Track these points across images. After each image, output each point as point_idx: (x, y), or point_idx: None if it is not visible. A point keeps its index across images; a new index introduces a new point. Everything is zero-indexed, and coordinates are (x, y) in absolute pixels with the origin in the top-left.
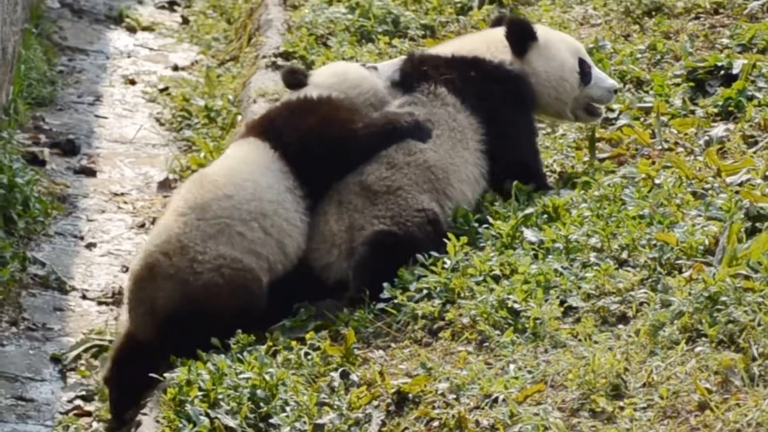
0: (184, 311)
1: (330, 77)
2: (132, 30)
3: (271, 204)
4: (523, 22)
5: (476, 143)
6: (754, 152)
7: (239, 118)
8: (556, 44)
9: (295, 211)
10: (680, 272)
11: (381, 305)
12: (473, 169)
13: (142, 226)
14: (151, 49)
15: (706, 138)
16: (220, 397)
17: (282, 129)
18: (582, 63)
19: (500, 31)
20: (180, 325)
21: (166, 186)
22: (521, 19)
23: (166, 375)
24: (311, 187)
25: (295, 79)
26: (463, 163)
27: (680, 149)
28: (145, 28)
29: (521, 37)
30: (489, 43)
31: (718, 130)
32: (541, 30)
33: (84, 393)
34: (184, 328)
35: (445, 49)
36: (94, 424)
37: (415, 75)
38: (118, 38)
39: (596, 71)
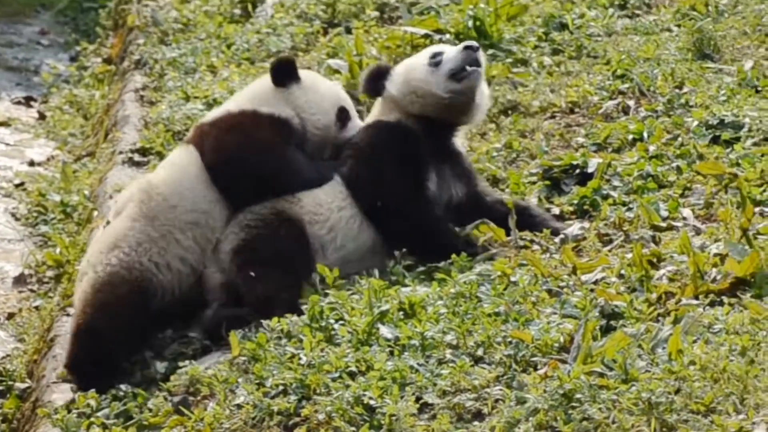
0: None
1: None
2: None
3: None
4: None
5: None
6: (609, 250)
7: (95, 213)
8: None
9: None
10: (535, 369)
11: (237, 401)
12: None
13: None
14: (7, 144)
15: (562, 236)
16: None
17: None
18: None
19: None
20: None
21: (21, 281)
22: None
23: None
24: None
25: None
26: None
27: (536, 247)
28: (1, 124)
29: None
30: None
31: (574, 228)
32: None
33: None
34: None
35: None
36: None
37: None
38: None
39: None
